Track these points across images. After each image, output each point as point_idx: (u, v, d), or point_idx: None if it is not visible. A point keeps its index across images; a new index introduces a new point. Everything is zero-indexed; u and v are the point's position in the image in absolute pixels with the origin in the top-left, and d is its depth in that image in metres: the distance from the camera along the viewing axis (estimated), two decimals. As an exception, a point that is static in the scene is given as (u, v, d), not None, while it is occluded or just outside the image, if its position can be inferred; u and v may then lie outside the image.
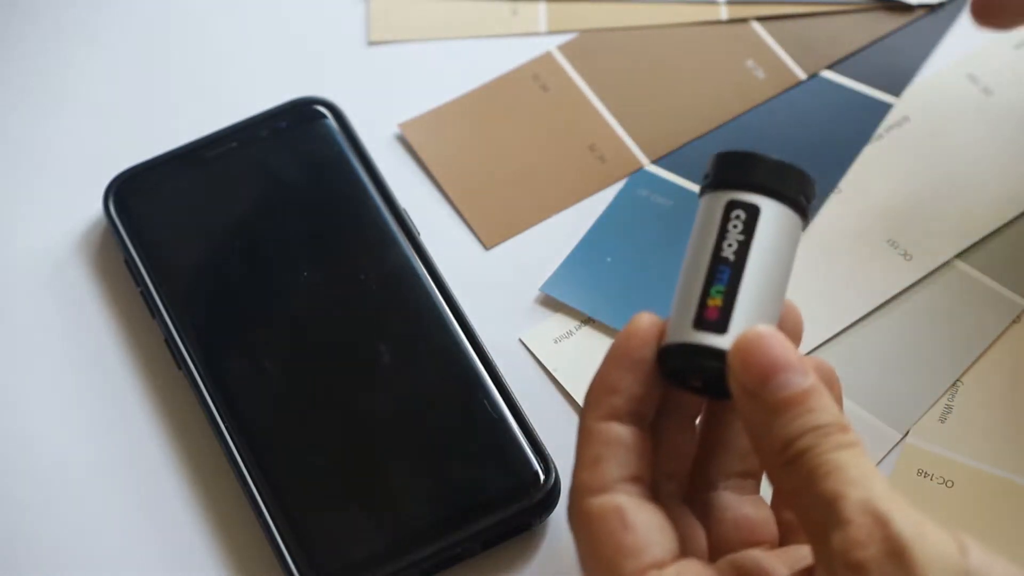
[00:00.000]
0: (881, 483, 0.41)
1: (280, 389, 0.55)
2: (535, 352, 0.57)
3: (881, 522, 0.40)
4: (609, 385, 0.46)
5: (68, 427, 0.56)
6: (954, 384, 0.56)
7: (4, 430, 0.56)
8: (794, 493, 0.42)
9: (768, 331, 0.43)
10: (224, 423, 0.54)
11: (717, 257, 0.45)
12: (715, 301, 0.45)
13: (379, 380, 0.55)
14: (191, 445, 0.55)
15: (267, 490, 0.53)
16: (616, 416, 0.45)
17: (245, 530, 0.54)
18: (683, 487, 0.48)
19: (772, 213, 0.45)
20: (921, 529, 0.40)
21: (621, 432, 0.45)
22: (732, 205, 0.45)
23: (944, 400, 0.56)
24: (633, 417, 0.45)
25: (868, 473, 0.41)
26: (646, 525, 0.44)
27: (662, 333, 0.46)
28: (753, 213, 0.45)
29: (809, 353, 0.57)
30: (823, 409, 0.42)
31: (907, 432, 0.55)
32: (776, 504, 0.49)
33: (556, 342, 0.57)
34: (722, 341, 0.44)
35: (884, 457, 0.55)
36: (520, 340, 0.58)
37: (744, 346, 0.43)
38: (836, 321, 0.57)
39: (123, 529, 0.54)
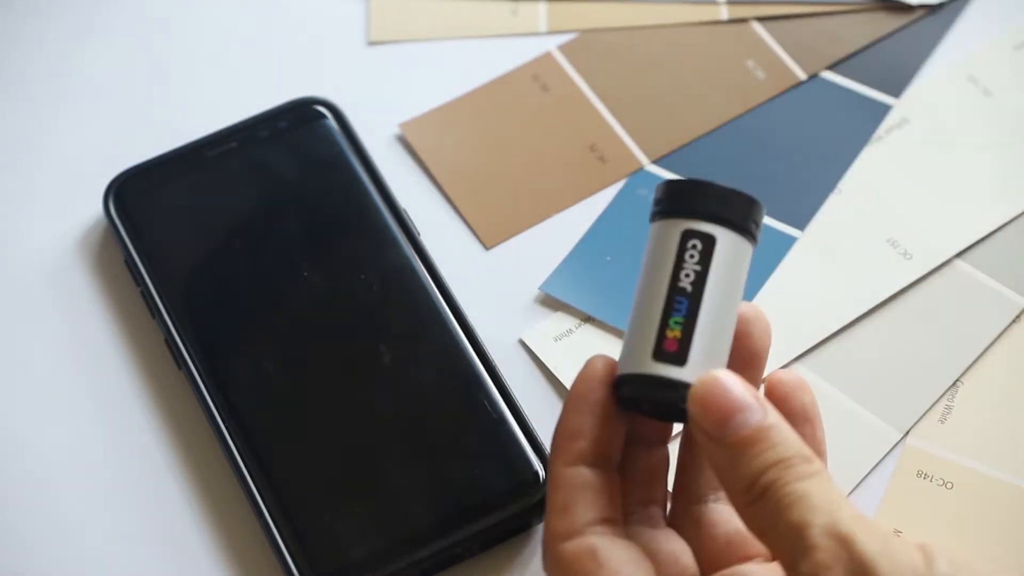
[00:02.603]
0: (846, 507, 0.42)
1: (280, 389, 0.55)
2: (535, 351, 0.57)
3: (845, 543, 0.41)
4: (572, 430, 0.47)
5: (68, 427, 0.56)
6: (954, 384, 0.56)
7: (4, 430, 0.56)
8: (765, 529, 0.43)
9: (723, 375, 0.44)
10: (224, 423, 0.54)
11: (675, 288, 0.46)
12: (674, 332, 0.45)
13: (379, 380, 0.55)
14: (191, 445, 0.55)
15: (267, 490, 0.53)
16: (582, 460, 0.46)
17: (245, 530, 0.54)
18: (664, 511, 0.49)
19: (727, 242, 0.46)
20: (885, 546, 0.41)
21: (588, 476, 0.46)
22: (688, 235, 0.46)
23: (944, 400, 0.56)
24: (599, 459, 0.47)
25: (832, 499, 0.42)
26: (620, 560, 0.45)
27: (615, 370, 0.47)
28: (709, 243, 0.46)
29: (809, 352, 0.57)
30: (783, 442, 0.43)
31: (907, 432, 0.55)
32: None
33: (556, 341, 0.57)
34: (681, 373, 0.45)
35: (884, 457, 0.55)
36: (520, 340, 0.58)
37: (701, 392, 0.44)
38: (836, 321, 0.57)
39: (123, 529, 0.54)
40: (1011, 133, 0.62)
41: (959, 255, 0.59)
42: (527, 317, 0.58)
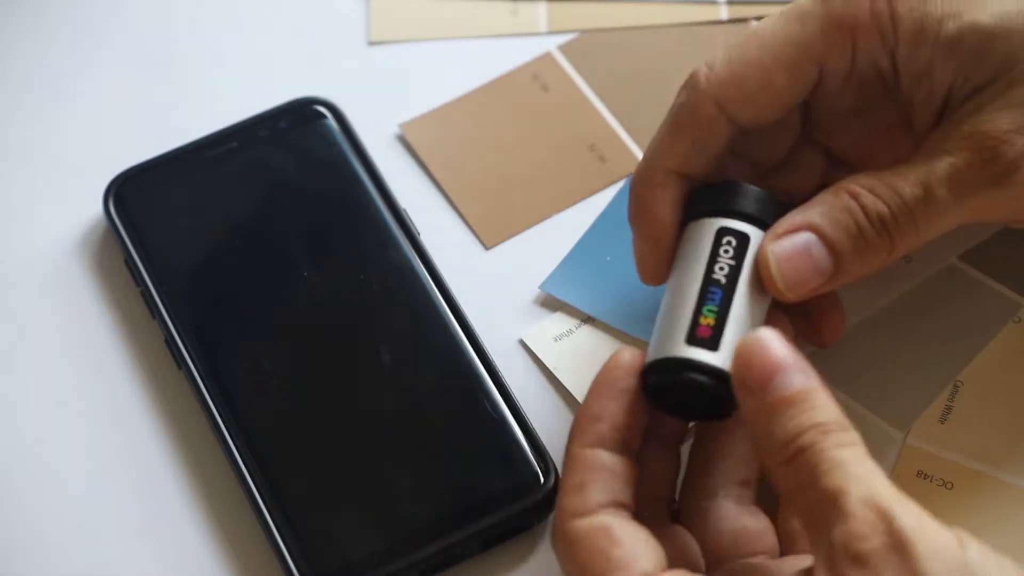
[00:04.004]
0: (883, 481, 0.42)
1: (280, 389, 0.55)
2: (535, 351, 0.57)
3: (884, 516, 0.40)
4: (594, 414, 0.47)
5: (68, 427, 0.56)
6: (954, 384, 0.56)
7: (4, 430, 0.56)
8: (796, 490, 0.43)
9: (769, 333, 0.44)
10: (224, 423, 0.54)
11: (709, 279, 0.47)
12: (707, 320, 0.47)
13: (379, 380, 0.55)
14: (191, 445, 0.56)
15: (267, 490, 0.53)
16: (601, 443, 0.46)
17: (245, 530, 0.54)
18: (670, 507, 0.49)
19: (759, 240, 0.48)
20: (922, 524, 0.41)
21: (606, 459, 0.46)
22: (723, 232, 0.48)
23: (944, 400, 0.56)
24: (618, 445, 0.47)
25: (870, 470, 0.42)
26: (633, 539, 0.45)
27: (642, 362, 0.48)
28: (743, 240, 0.48)
29: (810, 353, 0.57)
30: (824, 407, 0.43)
31: (907, 432, 0.55)
32: (778, 516, 0.49)
33: (556, 341, 0.57)
34: (714, 358, 0.46)
35: (884, 457, 0.55)
36: (520, 340, 0.58)
37: (746, 349, 0.44)
38: (836, 321, 0.57)
39: (123, 529, 0.54)
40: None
41: (959, 256, 0.59)
42: (527, 317, 0.58)
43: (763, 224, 0.48)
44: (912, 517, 0.41)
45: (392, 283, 0.57)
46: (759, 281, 0.48)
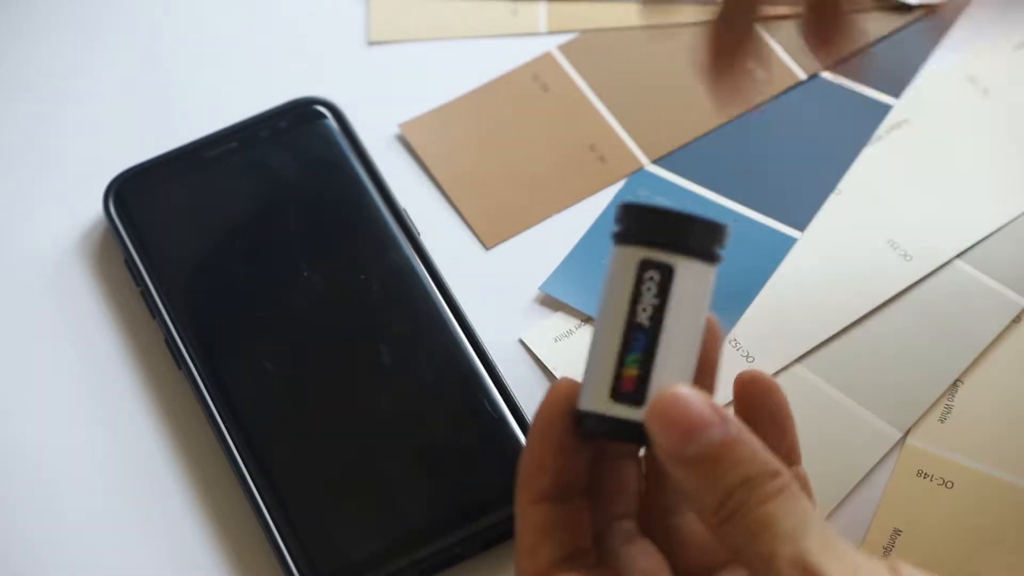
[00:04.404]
0: (812, 531, 0.41)
1: (280, 389, 0.55)
2: (535, 351, 0.57)
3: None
4: (536, 464, 0.45)
5: (68, 427, 0.56)
6: (954, 384, 0.56)
7: (4, 430, 0.56)
8: (737, 551, 0.42)
9: (680, 391, 0.42)
10: (224, 423, 0.54)
11: (631, 323, 0.44)
12: (631, 371, 0.44)
13: (379, 380, 0.55)
14: (191, 445, 0.56)
15: (267, 490, 0.53)
16: (546, 496, 0.45)
17: (245, 530, 0.54)
18: (636, 522, 0.48)
19: (686, 271, 0.44)
20: (852, 570, 0.40)
21: (555, 514, 0.45)
22: (645, 265, 0.44)
23: (944, 400, 0.56)
24: (563, 491, 0.45)
25: (798, 522, 0.41)
26: None
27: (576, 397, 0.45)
28: (667, 274, 0.44)
29: (809, 353, 0.57)
30: (748, 459, 0.42)
31: (907, 432, 0.55)
32: None
33: (556, 341, 0.57)
34: (639, 414, 0.43)
35: (884, 457, 0.55)
36: (520, 340, 0.58)
37: (657, 412, 0.42)
38: (836, 322, 0.57)
39: (123, 529, 0.54)
40: (1011, 133, 0.62)
41: (959, 255, 0.59)
42: (527, 317, 0.58)
43: (689, 251, 0.44)
44: (840, 571, 0.40)
45: (392, 283, 0.57)
46: (686, 319, 0.44)
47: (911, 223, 0.60)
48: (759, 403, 0.47)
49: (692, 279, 0.44)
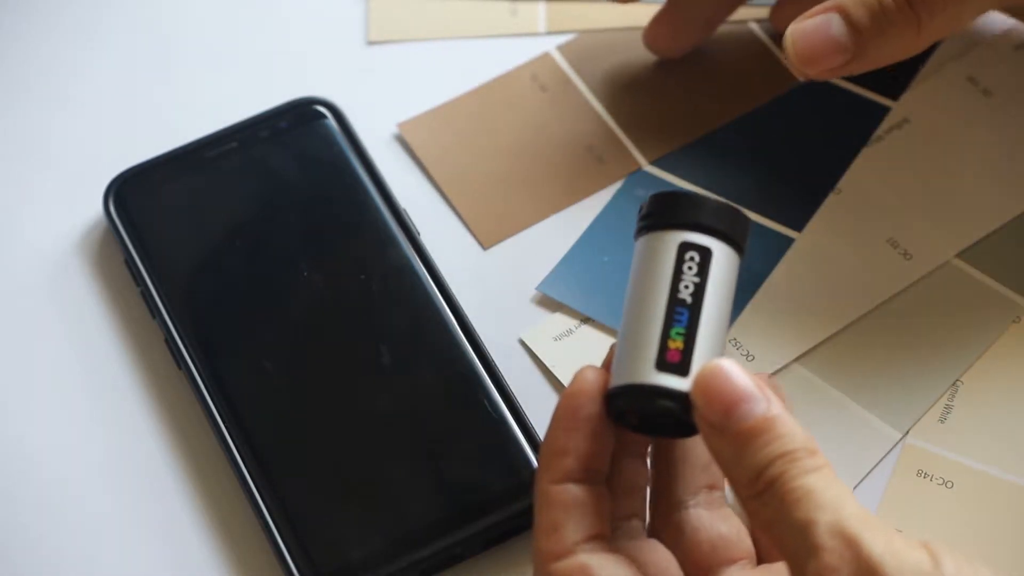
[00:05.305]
0: (851, 504, 0.41)
1: (280, 389, 0.55)
2: (535, 351, 0.57)
3: (852, 544, 0.40)
4: (560, 447, 0.46)
5: (68, 427, 0.56)
6: (954, 384, 0.56)
7: (4, 430, 0.56)
8: (770, 523, 0.42)
9: (727, 364, 0.44)
10: (224, 423, 0.54)
11: (675, 299, 0.46)
12: (676, 343, 0.45)
13: (379, 380, 0.55)
14: (191, 445, 0.55)
15: (267, 490, 0.53)
16: (570, 477, 0.46)
17: (245, 530, 0.54)
18: (644, 523, 0.49)
19: (721, 254, 0.47)
20: (892, 547, 0.40)
21: (576, 494, 0.46)
22: (685, 247, 0.46)
23: (944, 400, 0.56)
24: (587, 474, 0.46)
25: (838, 495, 0.42)
26: (613, 572, 0.45)
27: (607, 383, 0.46)
28: (706, 255, 0.46)
29: (809, 353, 0.57)
30: (789, 435, 0.43)
31: (907, 432, 0.55)
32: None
33: (556, 340, 0.57)
34: (685, 384, 0.45)
35: (884, 457, 0.55)
36: (520, 340, 0.58)
37: (705, 381, 0.44)
38: (836, 321, 0.57)
39: (123, 529, 0.54)
40: (1011, 133, 0.62)
41: (959, 255, 0.59)
42: (527, 317, 0.58)
43: (724, 236, 0.47)
44: (881, 541, 0.40)
45: (392, 283, 0.57)
46: (721, 300, 0.47)
47: (911, 223, 0.60)
48: None
49: (726, 262, 0.47)
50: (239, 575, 0.53)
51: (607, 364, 0.48)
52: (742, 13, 0.65)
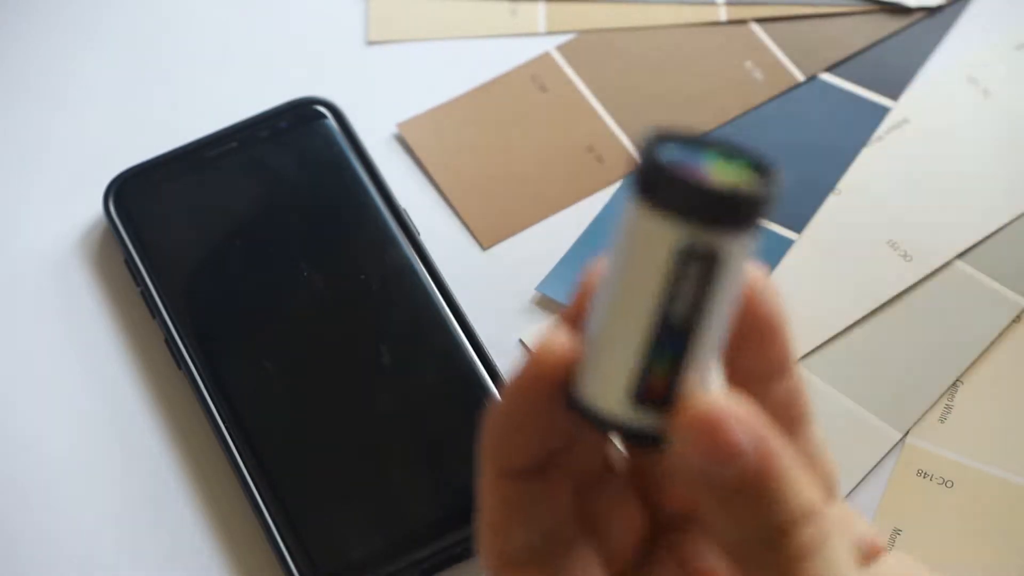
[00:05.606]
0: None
1: (280, 389, 0.55)
2: (535, 352, 0.57)
3: None
4: (511, 438, 0.37)
5: (68, 427, 0.56)
6: (954, 384, 0.56)
7: (4, 429, 0.56)
8: None
9: (715, 409, 0.35)
10: (224, 423, 0.54)
11: (665, 322, 0.34)
12: (659, 377, 0.35)
13: (379, 380, 0.55)
14: (191, 445, 0.55)
15: (267, 490, 0.53)
16: (520, 469, 0.38)
17: (245, 530, 0.54)
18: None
19: (731, 251, 0.33)
20: None
21: (526, 489, 0.38)
22: (684, 251, 0.33)
23: (944, 400, 0.56)
24: (542, 460, 0.38)
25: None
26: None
27: (574, 362, 0.36)
28: (711, 262, 0.33)
29: (809, 354, 0.57)
30: (781, 498, 0.35)
31: (907, 432, 0.55)
32: None
33: (556, 342, 0.57)
34: (663, 421, 0.35)
35: (884, 457, 0.55)
36: (520, 340, 0.58)
37: (689, 428, 0.35)
38: (836, 321, 0.57)
39: (123, 528, 0.54)
40: (1011, 133, 0.62)
41: (959, 256, 0.59)
42: (526, 317, 0.58)
43: (737, 226, 0.33)
44: None
45: (392, 283, 0.57)
46: (728, 297, 0.34)
47: (911, 223, 0.60)
48: (757, 316, 0.38)
49: (737, 257, 0.34)
50: (239, 575, 0.53)
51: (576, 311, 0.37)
52: (741, 13, 0.65)
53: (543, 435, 0.37)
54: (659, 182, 0.33)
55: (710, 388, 0.35)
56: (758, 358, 0.37)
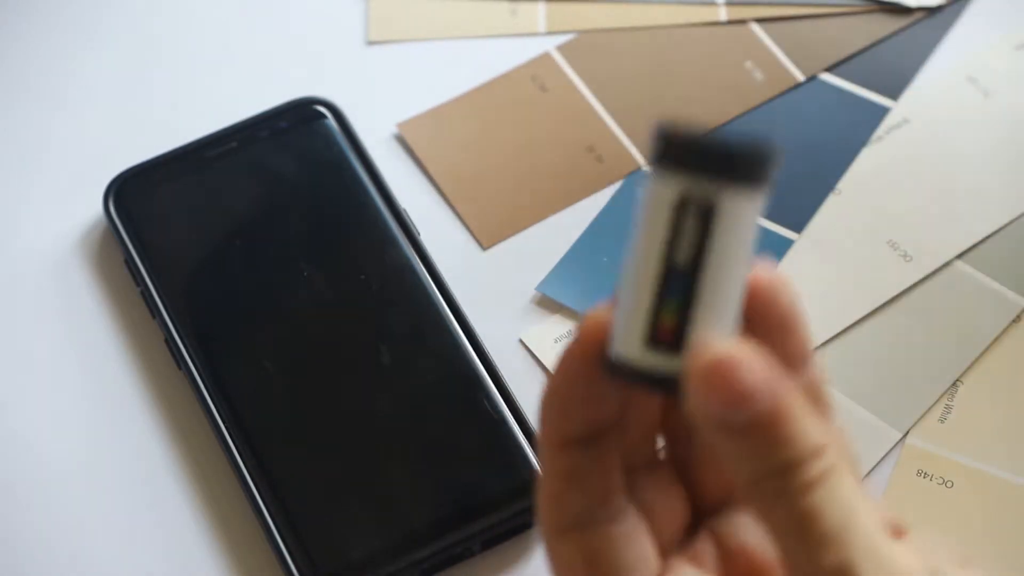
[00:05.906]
0: (857, 528, 0.37)
1: (280, 389, 0.55)
2: (535, 352, 0.57)
3: None
4: (565, 396, 0.40)
5: (68, 427, 0.56)
6: (954, 384, 0.56)
7: (4, 430, 0.56)
8: (773, 534, 0.38)
9: (723, 356, 0.36)
10: (224, 423, 0.54)
11: (670, 265, 0.37)
12: (668, 319, 0.37)
13: (379, 380, 0.55)
14: (191, 445, 0.55)
15: (267, 490, 0.53)
16: (575, 438, 0.40)
17: (245, 530, 0.54)
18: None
19: (731, 204, 0.37)
20: None
21: (582, 459, 0.40)
22: (684, 197, 0.37)
23: (944, 400, 0.56)
24: (595, 429, 0.40)
25: (843, 519, 0.37)
26: (626, 543, 0.41)
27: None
28: (710, 208, 0.37)
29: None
30: (791, 438, 0.37)
31: (907, 432, 0.55)
32: None
33: (556, 341, 0.57)
34: (677, 363, 0.37)
35: (884, 457, 0.55)
36: (520, 340, 0.58)
37: (699, 371, 0.36)
38: (836, 321, 0.57)
39: (123, 529, 0.54)
40: (1011, 133, 0.62)
41: (959, 256, 0.59)
42: (526, 317, 0.58)
43: (736, 181, 0.37)
44: None
45: (392, 283, 0.57)
46: (733, 256, 0.37)
47: (911, 223, 0.60)
48: (769, 311, 0.40)
49: (738, 210, 0.37)
50: (239, 575, 0.53)
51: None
52: (741, 13, 0.65)
53: (592, 403, 0.40)
54: (663, 146, 0.37)
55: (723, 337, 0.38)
56: (776, 353, 0.38)
